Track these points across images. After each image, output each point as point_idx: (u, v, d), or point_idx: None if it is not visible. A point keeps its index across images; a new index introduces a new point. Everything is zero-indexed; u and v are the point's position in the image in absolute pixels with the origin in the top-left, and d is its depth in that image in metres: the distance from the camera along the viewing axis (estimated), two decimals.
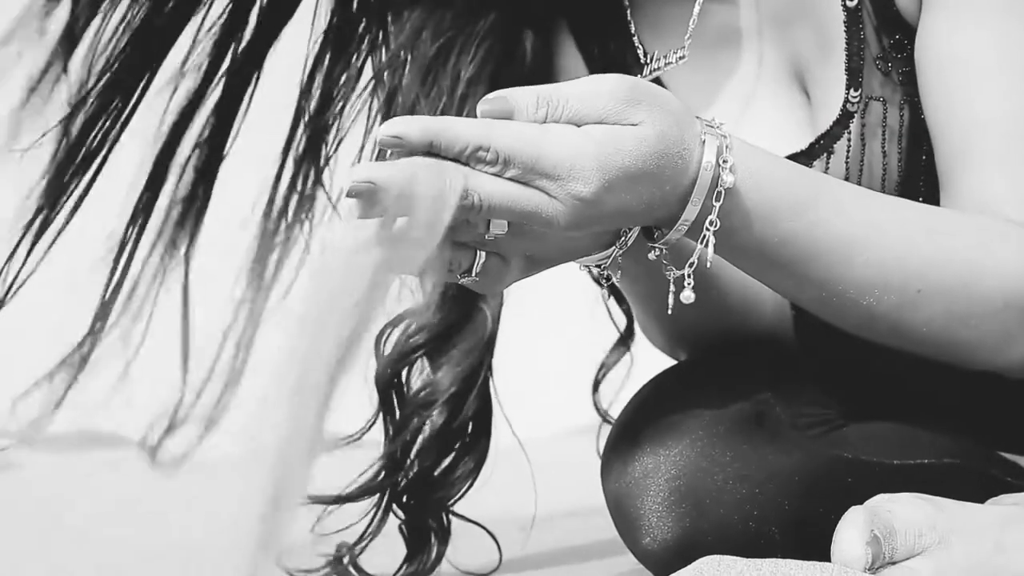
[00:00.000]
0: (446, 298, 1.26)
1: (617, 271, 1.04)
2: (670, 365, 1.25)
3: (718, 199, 0.97)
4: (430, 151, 0.90)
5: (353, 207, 0.89)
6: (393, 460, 1.29)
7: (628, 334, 1.43)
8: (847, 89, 1.15)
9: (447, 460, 1.30)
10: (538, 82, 0.97)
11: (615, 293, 1.42)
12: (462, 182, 0.89)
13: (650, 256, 1.03)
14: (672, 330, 1.27)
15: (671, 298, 1.02)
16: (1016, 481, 1.14)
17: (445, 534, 1.32)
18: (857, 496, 1.02)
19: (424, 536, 1.31)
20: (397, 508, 1.31)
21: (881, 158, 1.15)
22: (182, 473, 1.25)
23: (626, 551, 1.11)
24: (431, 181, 0.88)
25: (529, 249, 0.98)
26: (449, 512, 1.32)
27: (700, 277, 1.02)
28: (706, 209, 0.97)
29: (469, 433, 1.30)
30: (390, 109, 1.25)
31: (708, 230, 0.97)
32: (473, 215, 0.91)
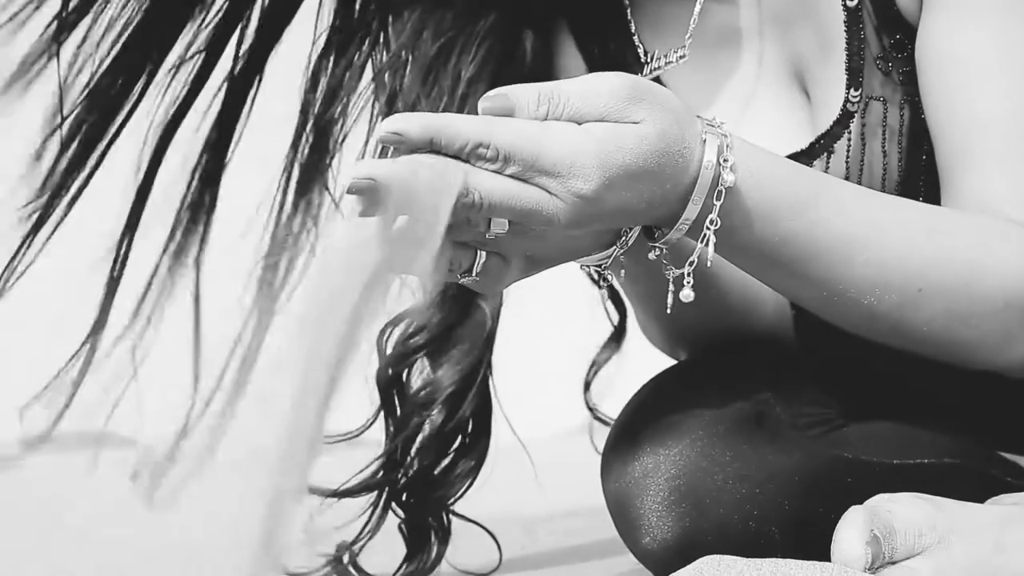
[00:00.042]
0: (446, 297, 1.26)
1: (619, 271, 1.05)
2: (669, 365, 1.26)
3: (719, 198, 0.97)
4: (431, 148, 0.90)
5: (354, 205, 0.89)
6: (393, 458, 1.29)
7: (620, 332, 1.43)
8: (847, 89, 1.15)
9: (447, 459, 1.30)
10: (538, 81, 0.97)
11: (613, 294, 1.42)
12: (462, 179, 0.89)
13: (650, 256, 1.03)
14: (672, 330, 1.27)
15: (670, 297, 1.02)
16: (1016, 481, 1.14)
17: (445, 533, 1.32)
18: (857, 496, 1.02)
19: (424, 535, 1.31)
20: (397, 507, 1.31)
21: (881, 158, 1.15)
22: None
23: (626, 551, 1.11)
24: (431, 178, 0.88)
25: (529, 249, 0.98)
26: (449, 511, 1.32)
27: (700, 276, 1.02)
28: (707, 208, 0.97)
29: (469, 432, 1.30)
30: (391, 110, 1.25)
31: (709, 229, 0.97)
32: (474, 213, 0.91)
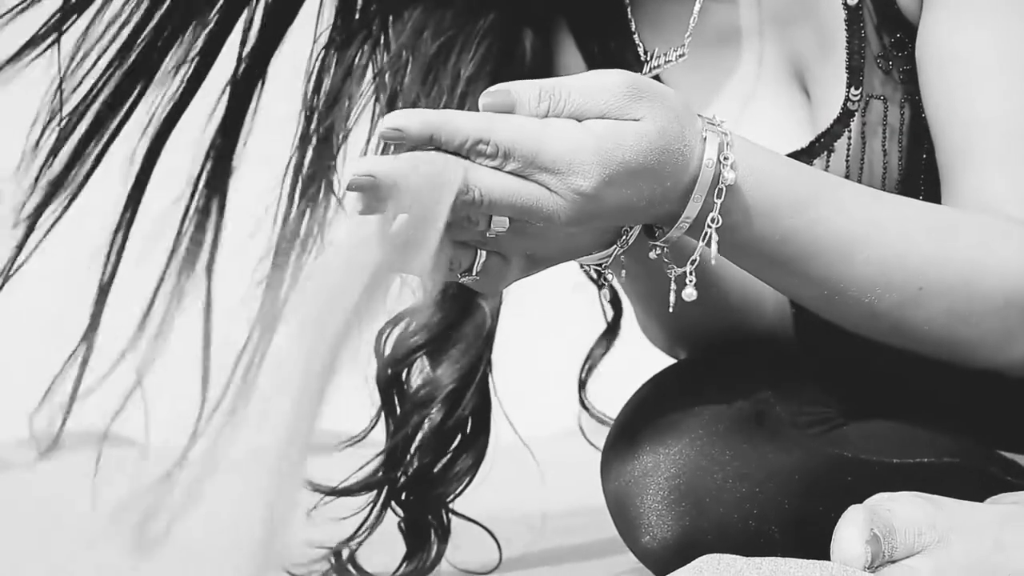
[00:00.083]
0: (445, 297, 1.26)
1: (619, 270, 1.05)
2: (669, 364, 1.26)
3: (719, 196, 0.97)
4: (431, 144, 0.90)
5: (354, 202, 0.89)
6: (393, 457, 1.29)
7: (614, 328, 1.43)
8: (848, 87, 1.15)
9: (446, 457, 1.30)
10: None
11: (612, 294, 1.42)
12: (462, 175, 0.89)
13: (651, 255, 1.03)
14: (672, 329, 1.27)
15: (672, 296, 1.02)
16: (1016, 480, 1.14)
17: (445, 532, 1.32)
18: (857, 495, 1.02)
19: (423, 534, 1.31)
20: (396, 505, 1.31)
21: (882, 156, 1.15)
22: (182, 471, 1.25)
23: (626, 550, 1.11)
24: (432, 174, 0.88)
25: (530, 248, 0.98)
26: (448, 510, 1.32)
27: (700, 276, 1.02)
28: (707, 206, 0.97)
29: (468, 430, 1.30)
30: (392, 109, 1.25)
31: (711, 227, 0.97)
32: (474, 210, 0.91)
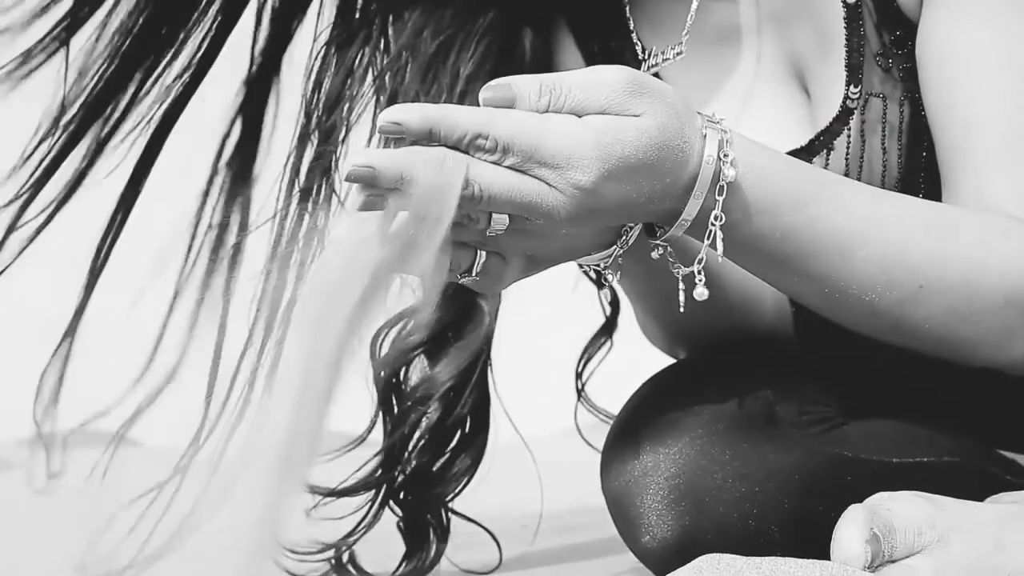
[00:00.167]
0: (444, 296, 1.26)
1: (618, 271, 1.04)
2: (669, 364, 1.26)
3: (720, 193, 0.97)
4: (430, 139, 0.90)
5: (355, 199, 0.89)
6: (391, 456, 1.29)
7: (611, 323, 1.43)
8: (847, 85, 1.15)
9: (445, 456, 1.30)
10: None
11: (611, 294, 1.42)
12: (463, 170, 0.89)
13: (654, 255, 1.02)
14: (672, 329, 1.27)
15: (682, 296, 1.02)
16: (1015, 479, 1.14)
17: (444, 532, 1.32)
18: (857, 494, 1.02)
19: (423, 533, 1.31)
20: (395, 505, 1.31)
21: (881, 154, 1.15)
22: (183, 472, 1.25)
23: (626, 550, 1.11)
24: (431, 168, 0.88)
25: (530, 248, 0.98)
26: (447, 509, 1.32)
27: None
28: (708, 204, 0.97)
29: (467, 429, 1.31)
30: None
31: (714, 225, 0.97)
32: (473, 206, 0.91)
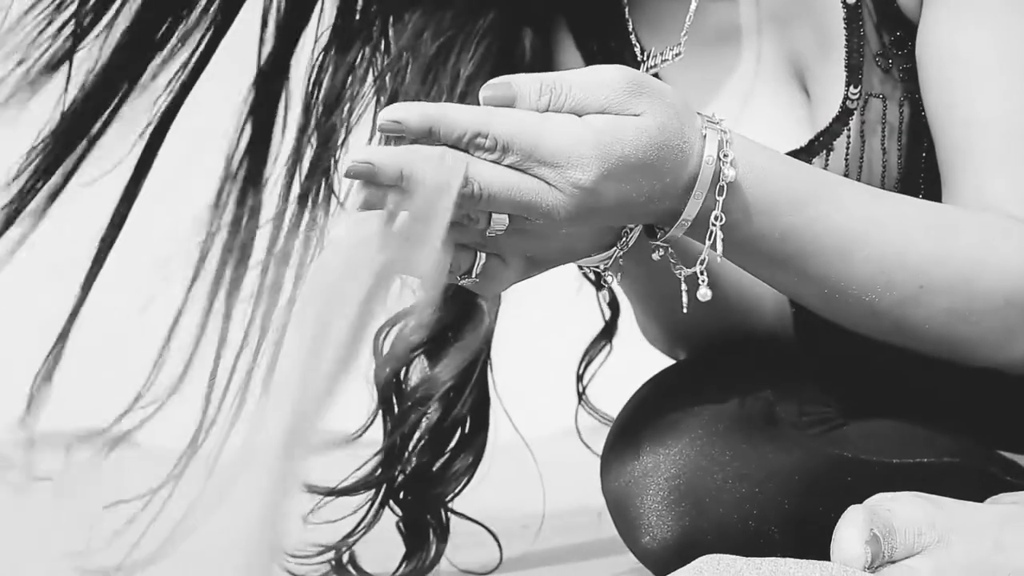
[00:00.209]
0: (444, 296, 1.26)
1: (618, 272, 1.04)
2: (668, 364, 1.26)
3: (720, 193, 0.97)
4: (430, 138, 0.90)
5: (354, 198, 0.89)
6: (391, 455, 1.29)
7: (611, 326, 1.43)
8: (847, 86, 1.15)
9: (444, 456, 1.30)
10: None
11: (610, 295, 1.42)
12: (463, 168, 0.89)
13: (654, 256, 1.02)
14: (672, 330, 1.27)
15: (685, 297, 1.02)
16: (1015, 480, 1.14)
17: (444, 531, 1.32)
18: (857, 495, 1.02)
19: (422, 533, 1.31)
20: (395, 504, 1.31)
21: (881, 155, 1.15)
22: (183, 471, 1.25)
23: (626, 550, 1.11)
24: (431, 165, 0.88)
25: (529, 249, 0.98)
26: (447, 509, 1.32)
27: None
28: (708, 204, 0.97)
29: (467, 429, 1.31)
30: None
31: (715, 225, 0.97)
32: (472, 205, 0.91)
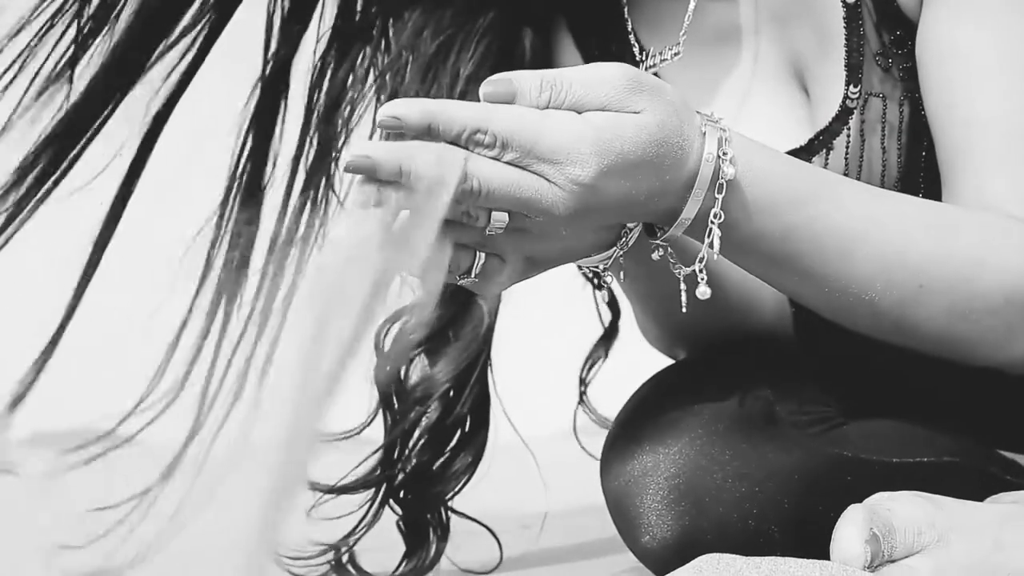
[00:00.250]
0: (444, 295, 1.26)
1: (619, 272, 1.04)
2: (668, 364, 1.26)
3: (720, 191, 0.97)
4: (429, 134, 0.90)
5: (355, 194, 0.89)
6: (391, 454, 1.30)
7: (612, 330, 1.43)
8: (846, 85, 1.15)
9: (445, 455, 1.30)
10: None
11: (610, 297, 1.42)
12: (462, 163, 0.89)
13: (654, 256, 1.02)
14: (672, 330, 1.27)
15: (684, 296, 1.02)
16: (1015, 479, 1.14)
17: (444, 531, 1.32)
18: (857, 494, 1.02)
19: (422, 532, 1.31)
20: (395, 503, 1.31)
21: (880, 154, 1.15)
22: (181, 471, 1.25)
23: (625, 549, 1.11)
24: (430, 160, 0.89)
25: (529, 249, 0.98)
26: (447, 508, 1.32)
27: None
28: (707, 203, 0.97)
29: (467, 427, 1.31)
30: None
31: (713, 222, 0.97)
32: (472, 201, 0.91)
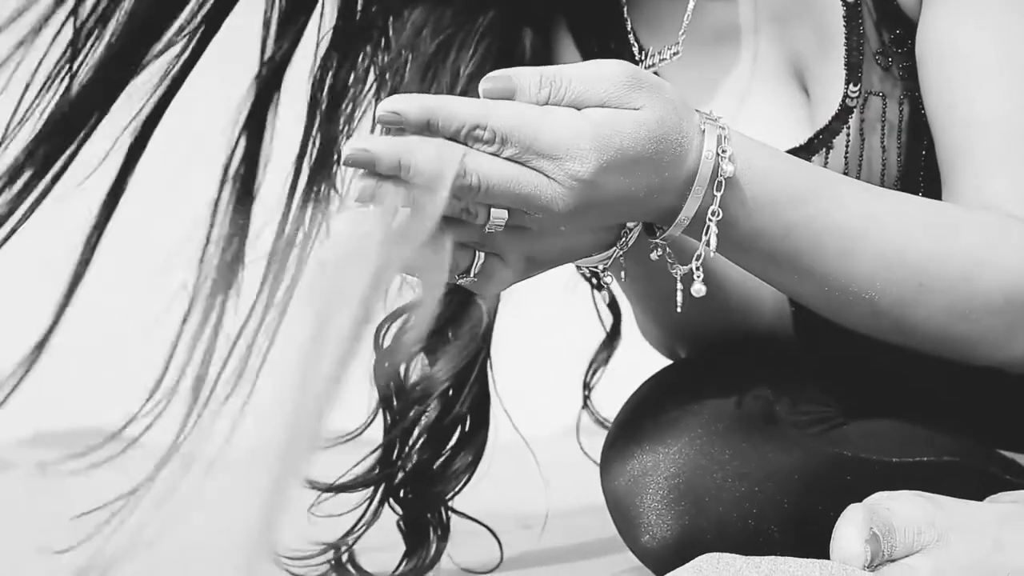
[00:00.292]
0: (443, 294, 1.26)
1: (618, 273, 1.04)
2: (668, 364, 1.26)
3: (719, 189, 0.97)
4: (429, 130, 0.90)
5: (354, 188, 0.89)
6: (390, 452, 1.30)
7: (614, 334, 1.43)
8: (846, 84, 1.15)
9: (444, 454, 1.30)
10: None
11: (609, 297, 1.42)
12: (460, 157, 0.89)
13: (653, 256, 1.02)
14: (672, 330, 1.27)
15: (680, 295, 1.02)
16: (1015, 479, 1.14)
17: (444, 530, 1.32)
18: (856, 494, 1.02)
19: (422, 532, 1.31)
20: (395, 503, 1.31)
21: (880, 153, 1.15)
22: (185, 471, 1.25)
23: (625, 549, 1.11)
24: (429, 154, 0.89)
25: (529, 248, 0.98)
26: (448, 508, 1.32)
27: (703, 276, 1.02)
28: (706, 201, 0.97)
29: (467, 427, 1.31)
30: None
31: (711, 220, 0.97)
32: (471, 197, 0.91)
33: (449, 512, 1.33)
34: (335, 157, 1.29)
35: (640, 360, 1.34)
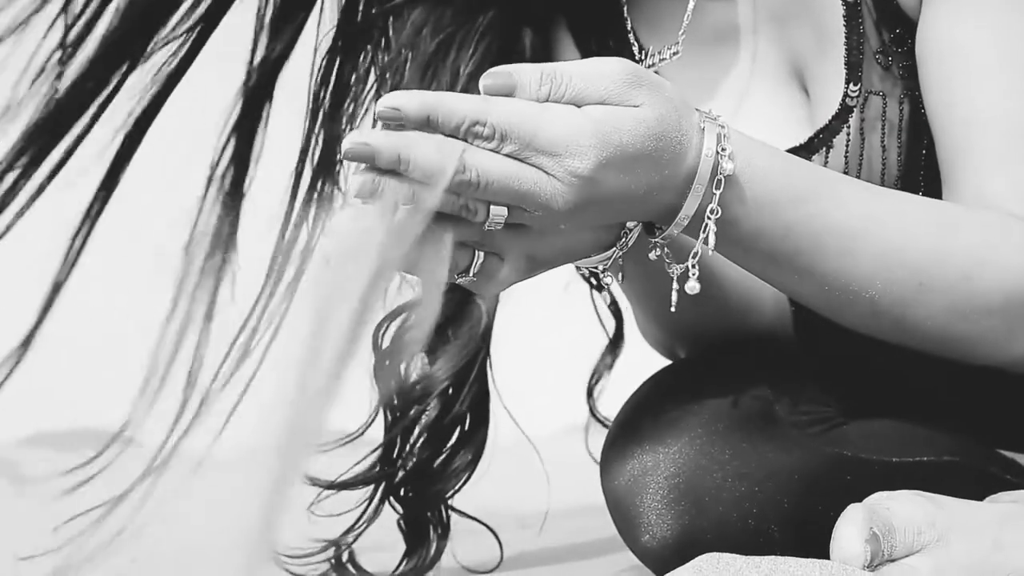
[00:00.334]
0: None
1: (618, 273, 1.04)
2: (668, 364, 1.25)
3: (718, 187, 0.97)
4: (428, 126, 0.90)
5: (353, 182, 0.89)
6: (390, 451, 1.30)
7: (617, 339, 1.43)
8: (846, 83, 1.14)
9: (444, 453, 1.30)
10: None
11: (609, 298, 1.42)
12: (460, 153, 0.89)
13: (651, 256, 1.02)
14: (671, 330, 1.27)
15: (675, 295, 1.02)
16: (1015, 479, 1.14)
17: (444, 529, 1.32)
18: (856, 494, 1.02)
19: (423, 530, 1.31)
20: (395, 502, 1.31)
21: (880, 152, 1.15)
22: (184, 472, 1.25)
23: (625, 549, 1.11)
24: (429, 149, 0.89)
25: (529, 248, 0.98)
26: (448, 507, 1.32)
27: (700, 274, 1.02)
28: (706, 200, 0.97)
29: (466, 426, 1.31)
30: None
31: (710, 218, 0.97)
32: (471, 193, 0.91)
33: (449, 511, 1.33)
34: (338, 156, 1.29)
35: (640, 360, 1.34)
